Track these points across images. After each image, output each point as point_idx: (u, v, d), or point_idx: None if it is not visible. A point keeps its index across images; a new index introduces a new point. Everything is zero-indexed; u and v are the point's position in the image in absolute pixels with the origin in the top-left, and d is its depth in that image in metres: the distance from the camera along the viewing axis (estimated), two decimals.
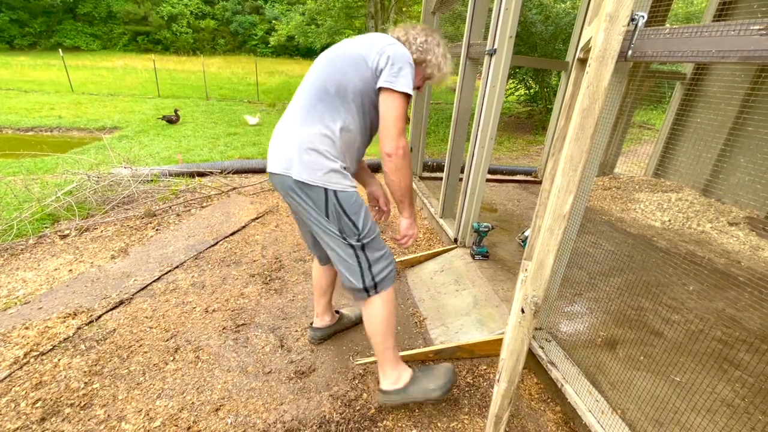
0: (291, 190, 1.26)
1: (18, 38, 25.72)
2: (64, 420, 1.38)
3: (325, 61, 1.33)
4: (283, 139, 1.29)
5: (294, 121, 1.29)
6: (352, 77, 1.24)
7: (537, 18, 8.07)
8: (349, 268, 1.34)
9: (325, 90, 1.26)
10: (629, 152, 4.50)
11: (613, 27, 0.80)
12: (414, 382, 1.45)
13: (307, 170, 1.22)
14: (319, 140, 1.23)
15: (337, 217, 1.26)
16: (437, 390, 1.44)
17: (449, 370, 1.49)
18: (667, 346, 1.70)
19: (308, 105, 1.28)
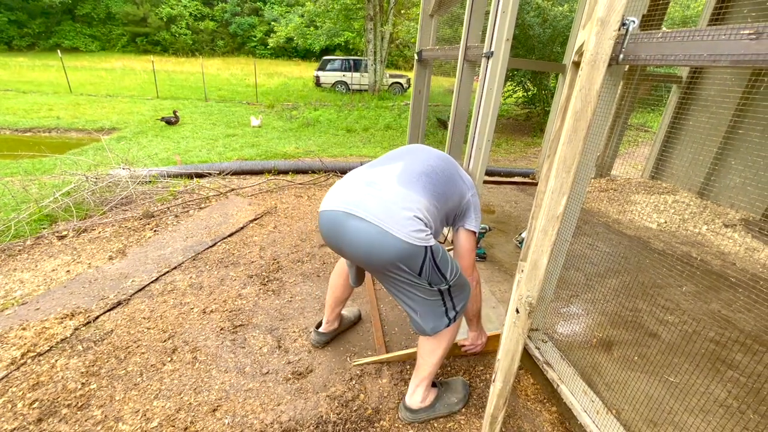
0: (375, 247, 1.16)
1: (16, 39, 25.69)
2: (61, 420, 1.39)
3: (435, 155, 1.42)
4: (384, 190, 1.21)
5: (399, 180, 1.24)
6: (450, 189, 1.36)
7: (534, 21, 8.11)
8: (432, 313, 1.31)
9: (435, 176, 1.32)
10: (626, 154, 4.52)
11: (604, 31, 0.82)
12: (439, 399, 1.50)
13: (415, 232, 1.15)
14: (422, 207, 1.20)
15: (429, 272, 1.22)
16: (459, 403, 1.53)
17: (465, 383, 1.61)
18: (662, 346, 1.71)
19: (416, 176, 1.27)
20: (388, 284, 1.31)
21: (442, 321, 1.33)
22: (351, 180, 1.28)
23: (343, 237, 1.21)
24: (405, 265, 1.17)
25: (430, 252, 1.19)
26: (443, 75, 5.31)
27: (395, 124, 8.96)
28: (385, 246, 1.13)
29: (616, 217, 3.28)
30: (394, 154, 1.41)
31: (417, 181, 1.25)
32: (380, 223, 1.12)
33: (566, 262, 1.59)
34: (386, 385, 1.63)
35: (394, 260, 1.15)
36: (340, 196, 1.23)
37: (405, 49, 19.38)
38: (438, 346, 1.39)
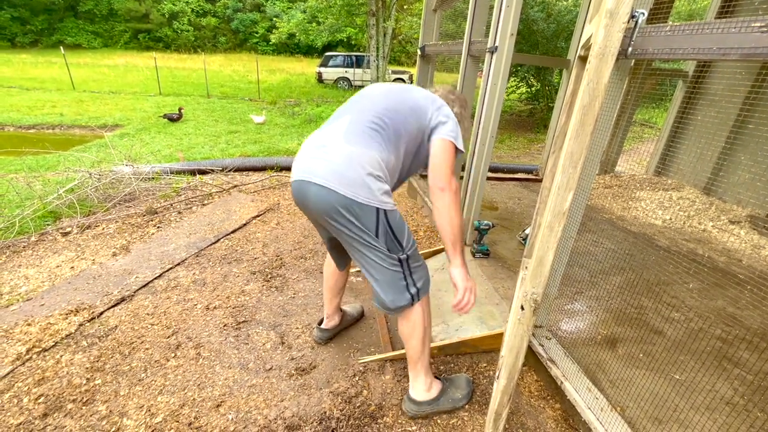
0: (332, 206, 1.20)
1: (20, 36, 25.74)
2: (66, 415, 1.39)
3: (382, 94, 1.36)
4: (333, 151, 1.23)
5: (346, 138, 1.25)
6: (411, 123, 1.30)
7: (539, 15, 8.04)
8: (392, 284, 1.31)
9: (382, 122, 1.27)
10: (631, 150, 4.49)
11: (613, 24, 0.80)
12: (443, 393, 1.50)
13: (364, 190, 1.18)
14: (373, 162, 1.22)
15: (384, 235, 1.25)
16: (463, 399, 1.52)
17: (468, 380, 1.59)
18: (668, 344, 1.70)
19: (361, 128, 1.26)
20: (350, 249, 1.33)
21: (404, 296, 1.33)
22: (307, 145, 1.33)
23: (307, 204, 1.28)
24: (357, 220, 1.21)
25: (383, 214, 1.23)
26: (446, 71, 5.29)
27: None
28: (338, 200, 1.19)
29: (621, 213, 3.26)
30: (344, 108, 1.38)
31: (363, 133, 1.25)
32: (331, 185, 1.18)
33: (570, 259, 1.58)
34: (389, 382, 1.63)
35: (345, 206, 1.19)
36: (298, 164, 1.30)
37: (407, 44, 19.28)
38: (413, 328, 1.39)
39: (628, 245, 2.68)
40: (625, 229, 2.94)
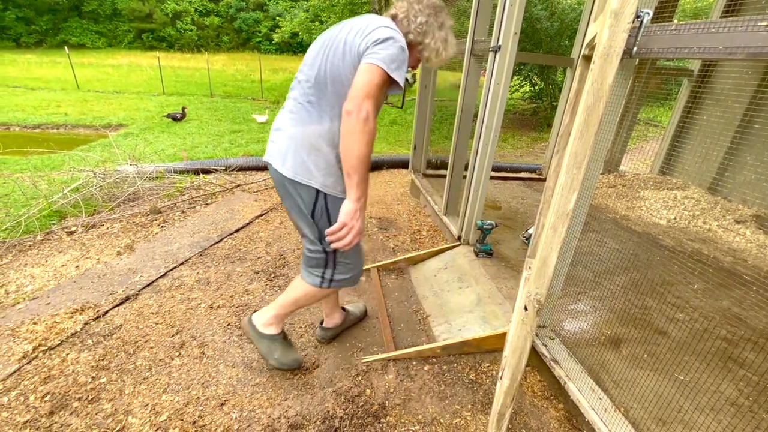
0: (284, 185, 1.32)
1: (24, 36, 25.90)
2: (72, 414, 1.41)
3: (316, 50, 1.27)
4: (281, 133, 1.31)
5: (292, 117, 1.30)
6: (348, 70, 1.18)
7: (542, 14, 8.00)
8: (310, 264, 1.44)
9: (322, 83, 1.23)
10: (635, 150, 4.46)
11: (617, 24, 0.80)
12: (271, 340, 1.57)
13: (302, 170, 1.25)
14: (316, 140, 1.24)
15: (320, 218, 1.31)
16: (275, 361, 1.56)
17: (297, 361, 1.60)
18: (672, 344, 1.69)
19: (300, 105, 1.28)
20: (297, 223, 1.42)
21: (313, 278, 1.45)
22: (272, 127, 1.40)
23: (274, 183, 1.40)
24: (300, 198, 1.29)
25: (323, 197, 1.28)
26: (449, 70, 5.27)
27: (400, 119, 8.92)
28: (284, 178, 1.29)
29: (625, 213, 3.24)
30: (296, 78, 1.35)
31: (302, 110, 1.27)
32: (278, 166, 1.29)
33: (574, 259, 1.57)
34: (392, 381, 1.63)
35: (291, 183, 1.27)
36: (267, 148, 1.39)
37: None
38: (301, 292, 1.50)
39: (632, 245, 2.67)
40: (629, 229, 2.92)
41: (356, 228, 1.24)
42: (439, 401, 1.55)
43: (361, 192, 1.20)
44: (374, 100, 1.12)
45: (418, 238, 2.96)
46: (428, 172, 3.95)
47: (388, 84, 1.17)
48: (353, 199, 1.20)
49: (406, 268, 2.56)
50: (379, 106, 1.19)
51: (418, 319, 2.06)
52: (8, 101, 9.43)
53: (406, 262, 2.58)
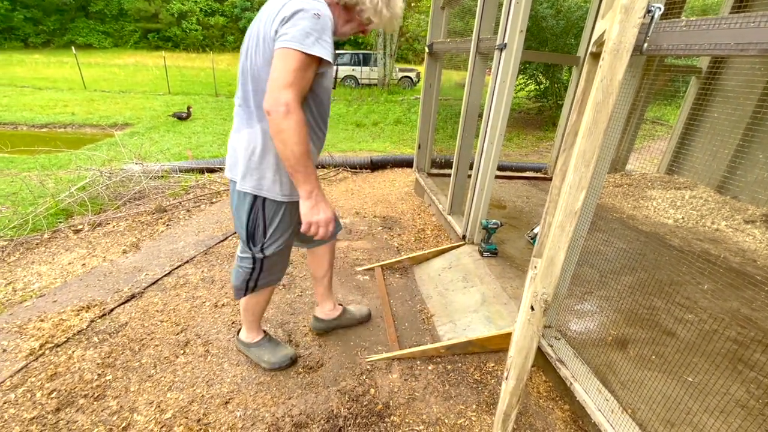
0: (233, 188, 1.33)
1: (32, 36, 26.14)
2: (78, 410, 1.41)
3: (244, 53, 1.18)
4: (230, 140, 1.33)
5: (234, 122, 1.28)
6: (262, 63, 1.09)
7: (548, 12, 7.95)
8: (238, 274, 1.46)
9: (246, 83, 1.17)
10: (642, 148, 4.42)
11: (628, 19, 0.78)
12: (258, 346, 1.64)
13: (240, 175, 1.25)
14: (248, 144, 1.21)
15: (254, 223, 1.31)
16: (267, 363, 1.62)
17: (287, 356, 1.64)
18: (680, 345, 1.67)
19: (237, 103, 1.24)
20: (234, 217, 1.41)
21: (240, 289, 1.47)
22: None
23: None
24: (238, 199, 1.30)
25: (260, 202, 1.26)
26: (454, 68, 5.25)
27: (405, 118, 8.90)
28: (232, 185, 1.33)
29: (631, 212, 3.21)
30: None
31: (239, 116, 1.24)
32: (228, 175, 1.34)
33: (580, 258, 1.55)
34: (397, 381, 1.63)
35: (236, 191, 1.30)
36: None
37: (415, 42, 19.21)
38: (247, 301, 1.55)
39: (639, 245, 2.64)
40: (635, 229, 2.89)
41: (321, 221, 1.19)
42: (444, 401, 1.54)
43: (311, 186, 1.14)
44: (295, 89, 1.01)
45: (423, 238, 2.95)
46: (433, 172, 3.93)
47: (314, 64, 1.05)
48: (305, 197, 1.15)
49: (411, 267, 2.55)
50: (303, 92, 1.07)
51: (423, 318, 2.05)
52: (17, 101, 9.53)
53: (410, 262, 2.57)
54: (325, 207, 1.19)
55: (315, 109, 1.23)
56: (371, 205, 3.57)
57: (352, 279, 2.37)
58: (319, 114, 1.26)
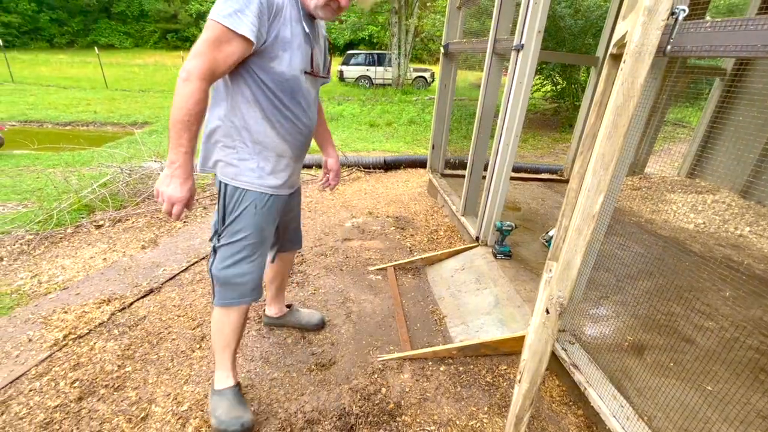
0: None
1: (57, 36, 26.99)
2: (99, 400, 1.46)
3: None
4: None
5: None
6: None
7: (566, 12, 7.83)
8: None
9: None
10: (662, 151, 4.31)
11: (651, 21, 0.77)
12: (220, 395, 1.37)
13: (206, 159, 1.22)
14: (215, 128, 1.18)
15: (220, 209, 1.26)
16: (215, 421, 1.33)
17: (238, 423, 1.31)
18: (699, 353, 1.63)
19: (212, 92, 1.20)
20: None
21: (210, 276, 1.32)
22: None
23: None
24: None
25: (223, 186, 1.22)
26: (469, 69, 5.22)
27: (419, 118, 8.88)
28: None
29: (650, 216, 3.14)
30: None
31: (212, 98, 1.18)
32: None
33: (596, 262, 1.53)
34: (408, 381, 1.63)
35: None
36: None
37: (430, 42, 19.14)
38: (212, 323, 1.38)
39: (657, 249, 2.58)
40: (654, 233, 2.83)
41: (166, 194, 1.07)
42: (455, 402, 1.54)
43: (174, 157, 1.05)
44: (202, 60, 0.99)
45: (435, 238, 2.95)
46: (446, 172, 3.92)
47: (237, 40, 1.01)
48: (167, 164, 1.07)
49: (423, 267, 2.55)
50: (217, 66, 1.02)
51: (435, 319, 2.05)
52: (42, 99, 9.85)
53: (423, 262, 2.57)
54: (177, 185, 1.07)
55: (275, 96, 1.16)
56: (384, 205, 3.58)
57: (365, 278, 2.38)
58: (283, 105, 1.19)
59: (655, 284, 2.15)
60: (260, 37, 1.04)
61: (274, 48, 1.10)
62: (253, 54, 1.08)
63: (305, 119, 1.28)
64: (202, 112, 1.04)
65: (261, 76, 1.13)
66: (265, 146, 1.22)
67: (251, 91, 1.15)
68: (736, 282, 2.19)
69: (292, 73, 1.16)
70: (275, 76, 1.14)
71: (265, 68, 1.12)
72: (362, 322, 1.99)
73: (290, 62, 1.14)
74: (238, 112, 1.17)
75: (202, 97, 1.01)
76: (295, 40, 1.13)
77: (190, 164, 1.08)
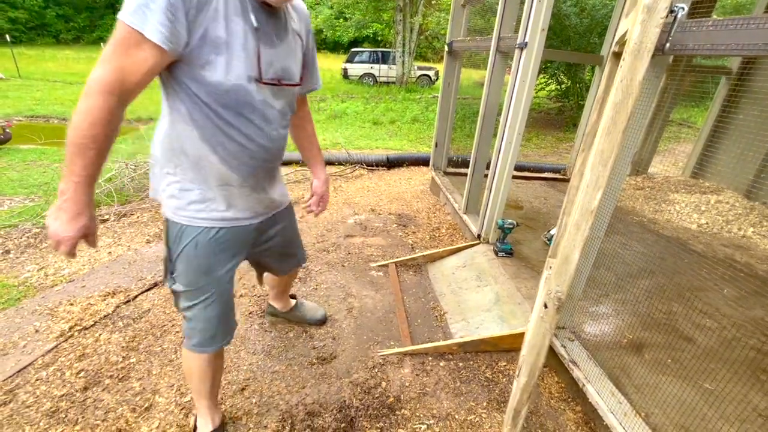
0: None
1: (63, 32, 27.14)
2: (104, 390, 1.49)
3: None
4: None
5: None
6: None
7: (572, 10, 7.79)
8: None
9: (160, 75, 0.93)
10: (666, 151, 4.30)
11: (650, 19, 0.78)
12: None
13: (151, 184, 1.08)
14: (158, 148, 1.02)
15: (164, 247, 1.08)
16: None
17: None
18: (698, 351, 1.64)
19: None
20: None
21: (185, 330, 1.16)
22: None
23: None
24: None
25: (166, 221, 1.03)
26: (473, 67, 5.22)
27: (422, 116, 8.87)
28: None
29: (652, 216, 3.14)
30: None
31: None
32: None
33: (597, 261, 1.54)
34: (408, 375, 1.65)
35: None
36: None
37: (434, 40, 19.10)
38: (184, 368, 1.23)
39: (659, 249, 2.58)
40: (656, 233, 2.83)
41: (52, 231, 0.86)
42: (454, 397, 1.56)
43: (64, 185, 0.84)
44: (108, 67, 0.79)
45: (437, 236, 2.96)
46: (449, 170, 3.93)
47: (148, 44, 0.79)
48: (58, 194, 0.86)
49: (424, 264, 2.57)
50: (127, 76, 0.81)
51: (435, 315, 2.07)
52: (49, 95, 9.92)
53: (425, 259, 2.59)
54: (64, 221, 0.85)
55: (214, 112, 0.94)
56: (387, 203, 3.60)
57: (366, 274, 2.40)
58: (227, 123, 0.96)
59: (656, 283, 2.15)
60: (176, 40, 0.81)
61: (202, 51, 0.85)
62: (179, 60, 0.86)
63: (262, 140, 1.02)
64: (103, 135, 0.81)
65: (193, 89, 0.90)
66: (207, 174, 1.00)
67: (186, 107, 0.93)
68: (738, 282, 2.19)
69: (234, 83, 0.91)
70: (210, 87, 0.90)
71: (196, 78, 0.88)
72: (363, 317, 2.00)
73: (227, 69, 0.89)
74: (175, 132, 0.97)
75: (102, 117, 0.80)
76: (235, 40, 0.88)
77: (84, 196, 0.86)
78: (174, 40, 0.80)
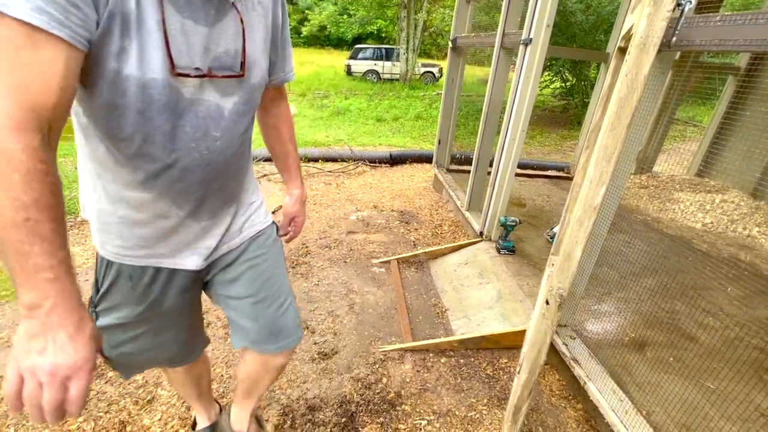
0: None
1: None
2: (107, 382, 1.50)
3: None
4: None
5: None
6: None
7: (577, 7, 7.73)
8: None
9: None
10: (671, 150, 4.27)
11: (656, 12, 0.77)
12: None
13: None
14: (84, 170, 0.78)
15: None
16: None
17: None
18: (701, 350, 1.63)
19: None
20: None
21: None
22: None
23: None
24: None
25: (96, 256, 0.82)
26: (477, 64, 5.19)
27: (426, 113, 8.84)
28: None
29: (656, 215, 3.12)
30: None
31: None
32: None
33: (599, 259, 1.53)
34: (409, 372, 1.65)
35: None
36: None
37: (438, 37, 19.01)
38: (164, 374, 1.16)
39: (663, 247, 2.57)
40: (660, 231, 2.81)
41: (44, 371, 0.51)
42: (455, 393, 1.56)
43: (32, 296, 0.51)
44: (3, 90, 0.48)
45: (440, 233, 2.96)
46: (452, 167, 3.92)
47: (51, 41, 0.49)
48: (23, 312, 0.51)
49: (426, 261, 2.57)
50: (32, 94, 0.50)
51: (437, 312, 2.07)
52: None
53: (427, 256, 2.58)
54: (66, 342, 0.53)
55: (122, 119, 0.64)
56: (389, 199, 3.59)
57: (368, 271, 2.40)
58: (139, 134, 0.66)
59: (659, 282, 2.14)
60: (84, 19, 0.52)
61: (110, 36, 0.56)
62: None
63: (201, 151, 0.71)
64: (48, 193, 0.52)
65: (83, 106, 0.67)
66: (122, 198, 0.73)
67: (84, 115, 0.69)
68: (743, 281, 2.17)
69: (148, 77, 0.61)
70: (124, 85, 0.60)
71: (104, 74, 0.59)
72: (365, 313, 2.01)
73: (140, 58, 0.59)
74: (84, 148, 0.74)
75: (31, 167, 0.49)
76: (149, 16, 0.58)
77: (71, 294, 0.54)
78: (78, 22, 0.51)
